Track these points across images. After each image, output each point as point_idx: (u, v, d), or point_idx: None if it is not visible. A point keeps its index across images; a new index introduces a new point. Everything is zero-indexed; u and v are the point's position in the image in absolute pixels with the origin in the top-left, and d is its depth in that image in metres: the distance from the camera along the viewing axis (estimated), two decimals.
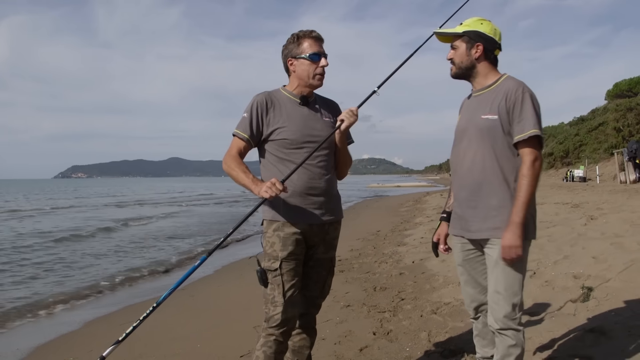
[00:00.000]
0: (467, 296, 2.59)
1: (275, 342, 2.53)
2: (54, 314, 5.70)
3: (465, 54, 2.42)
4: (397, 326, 4.11)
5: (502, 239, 2.25)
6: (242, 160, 2.58)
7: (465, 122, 2.47)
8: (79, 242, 12.16)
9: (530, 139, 2.27)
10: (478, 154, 2.37)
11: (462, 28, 2.42)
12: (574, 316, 3.70)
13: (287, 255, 2.51)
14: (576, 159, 31.96)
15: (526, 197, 2.23)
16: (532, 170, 2.25)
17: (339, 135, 2.59)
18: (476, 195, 2.37)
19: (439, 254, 2.74)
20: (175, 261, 9.05)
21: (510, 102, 2.30)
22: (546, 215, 9.25)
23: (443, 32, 2.49)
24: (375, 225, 12.23)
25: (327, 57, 2.61)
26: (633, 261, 4.66)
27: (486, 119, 2.34)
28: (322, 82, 2.63)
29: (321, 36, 2.61)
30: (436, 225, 2.74)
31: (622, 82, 33.79)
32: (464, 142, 2.44)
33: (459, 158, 2.48)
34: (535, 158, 2.27)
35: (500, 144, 2.33)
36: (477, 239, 2.41)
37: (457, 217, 2.51)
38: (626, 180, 19.81)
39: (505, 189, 2.32)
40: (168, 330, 4.50)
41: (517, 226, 2.22)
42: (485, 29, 2.41)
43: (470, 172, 2.40)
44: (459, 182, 2.48)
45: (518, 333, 2.32)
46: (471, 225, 2.40)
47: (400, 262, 6.94)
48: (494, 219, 2.32)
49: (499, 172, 2.33)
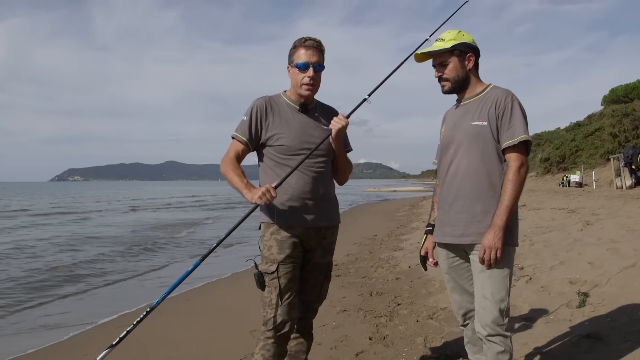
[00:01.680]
0: (455, 303, 2.60)
1: (273, 345, 2.53)
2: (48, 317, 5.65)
3: (459, 67, 2.42)
4: (393, 331, 4.10)
5: (483, 240, 2.26)
6: (238, 164, 2.59)
7: (452, 131, 2.48)
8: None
9: (519, 145, 2.29)
10: (464, 159, 2.39)
11: (449, 43, 2.40)
12: (570, 321, 3.70)
13: (284, 258, 2.52)
14: (572, 164, 32.05)
15: (510, 202, 2.25)
16: (518, 175, 2.27)
17: (333, 142, 2.60)
18: (461, 200, 2.38)
19: (427, 267, 2.74)
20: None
21: (500, 109, 2.33)
22: (542, 221, 9.27)
23: (431, 52, 2.44)
24: (372, 229, 12.23)
25: (318, 68, 2.56)
26: (629, 267, 4.67)
27: (475, 125, 2.36)
28: (310, 92, 2.60)
29: (317, 45, 2.58)
30: (422, 239, 2.74)
31: (618, 88, 33.93)
32: (451, 149, 2.45)
33: (445, 165, 2.49)
34: (522, 164, 2.29)
35: (489, 149, 2.35)
36: (461, 244, 2.41)
37: (440, 223, 2.51)
38: (622, 186, 19.85)
39: (491, 194, 2.33)
40: (164, 334, 4.48)
41: (499, 229, 2.24)
42: (469, 39, 2.44)
43: (456, 178, 2.41)
44: (445, 188, 2.49)
45: (506, 339, 2.31)
46: (455, 230, 2.40)
47: (397, 267, 6.94)
48: (479, 224, 2.33)
49: (485, 178, 2.34)
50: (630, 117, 26.09)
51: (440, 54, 2.43)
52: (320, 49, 2.59)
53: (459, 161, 2.41)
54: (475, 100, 2.43)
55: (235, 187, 2.50)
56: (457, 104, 2.54)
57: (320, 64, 2.58)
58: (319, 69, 2.58)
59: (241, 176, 2.51)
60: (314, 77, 2.56)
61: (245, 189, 2.45)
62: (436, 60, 2.47)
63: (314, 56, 2.55)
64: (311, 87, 2.58)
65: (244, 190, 2.45)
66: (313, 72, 2.55)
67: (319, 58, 2.58)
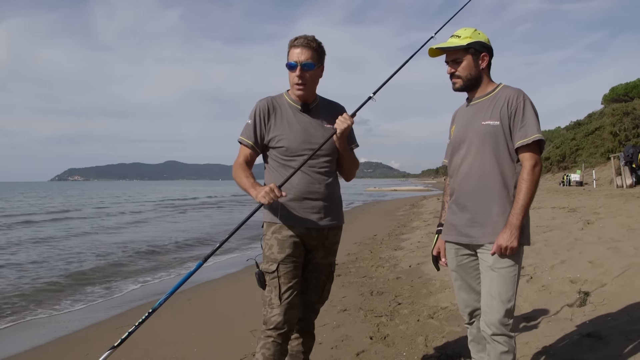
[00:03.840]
0: (461, 301, 2.59)
1: (273, 344, 2.52)
2: (50, 317, 5.66)
3: (472, 65, 2.41)
4: (394, 331, 4.10)
5: (498, 239, 2.25)
6: (247, 167, 2.60)
7: (463, 130, 2.46)
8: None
9: (532, 144, 2.28)
10: (477, 159, 2.37)
11: (464, 40, 2.38)
12: (571, 321, 3.70)
13: (285, 257, 2.51)
14: (573, 163, 32.05)
15: (526, 201, 2.24)
16: (532, 174, 2.26)
17: (338, 141, 2.59)
18: (476, 200, 2.37)
19: (440, 267, 2.74)
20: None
21: (512, 108, 2.32)
22: (543, 220, 9.27)
23: (447, 48, 2.42)
24: (372, 229, 12.23)
25: (305, 66, 2.50)
26: (629, 266, 4.67)
27: (487, 125, 2.35)
28: (302, 91, 2.56)
29: (307, 42, 2.51)
30: (432, 238, 2.74)
31: (619, 87, 33.91)
32: (463, 149, 2.44)
33: (456, 165, 2.48)
34: (536, 163, 2.28)
35: (501, 149, 2.34)
36: (471, 244, 2.41)
37: (452, 223, 2.50)
38: (623, 185, 19.85)
39: (505, 194, 2.32)
40: (165, 334, 4.48)
41: (515, 228, 2.23)
42: (484, 39, 2.43)
43: (470, 178, 2.40)
44: (457, 188, 2.48)
45: (510, 339, 2.31)
46: (470, 231, 2.39)
47: (397, 267, 6.94)
48: (495, 225, 2.31)
49: (499, 178, 2.33)
50: (631, 115, 26.08)
51: (455, 51, 2.41)
52: (310, 46, 2.52)
53: (471, 161, 2.39)
54: (486, 99, 2.42)
55: (243, 187, 2.52)
56: (468, 103, 2.52)
57: (311, 62, 2.52)
58: (307, 67, 2.51)
59: (248, 176, 2.53)
60: (301, 75, 2.52)
61: (251, 187, 2.47)
62: (450, 57, 2.44)
63: (302, 54, 2.50)
64: (302, 87, 2.55)
65: (250, 189, 2.47)
66: (300, 72, 2.51)
67: (309, 55, 2.51)
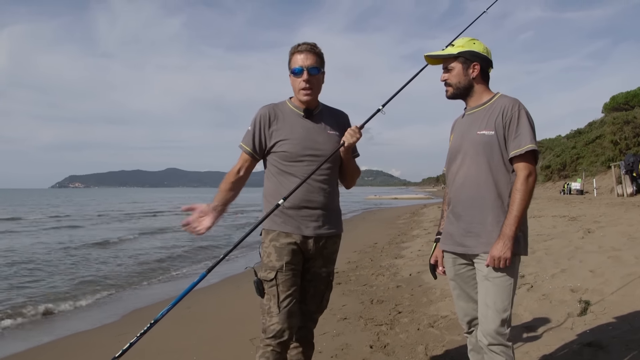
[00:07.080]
0: (460, 310, 2.59)
1: (272, 352, 2.52)
2: (50, 322, 5.64)
3: (462, 74, 2.44)
4: (394, 339, 4.09)
5: (492, 249, 2.25)
6: (235, 179, 2.64)
7: (459, 140, 2.48)
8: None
9: (526, 154, 2.29)
10: (472, 169, 2.39)
11: (456, 49, 2.44)
12: (572, 330, 3.69)
13: (283, 265, 2.51)
14: (573, 171, 32.02)
15: (519, 211, 2.24)
16: (526, 185, 2.27)
17: (343, 151, 2.60)
18: (470, 210, 2.38)
19: (437, 276, 2.74)
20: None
21: (507, 118, 2.33)
22: (543, 228, 9.26)
23: (437, 55, 2.49)
24: (373, 237, 12.21)
25: (313, 71, 2.53)
26: (630, 275, 4.66)
27: (482, 135, 2.36)
28: (309, 96, 2.58)
29: (311, 48, 2.55)
30: (432, 246, 2.74)
31: (619, 95, 33.95)
32: (459, 158, 2.46)
33: (453, 174, 2.50)
34: (530, 173, 2.28)
35: (496, 159, 2.34)
36: (467, 254, 2.41)
37: (449, 232, 2.51)
38: (623, 193, 19.84)
39: (499, 204, 2.33)
40: (164, 342, 4.46)
41: (508, 239, 2.23)
42: (479, 48, 2.45)
43: (465, 188, 2.41)
44: (453, 198, 2.49)
45: (507, 349, 2.30)
46: (465, 241, 2.40)
47: (397, 275, 6.92)
48: (489, 235, 2.32)
49: (493, 188, 2.34)
50: (631, 124, 26.10)
51: (447, 59, 2.47)
52: (314, 52, 2.55)
53: (466, 170, 2.41)
54: (482, 109, 2.44)
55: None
56: (465, 112, 2.54)
57: (316, 66, 2.55)
58: (314, 71, 2.54)
59: (220, 192, 2.62)
60: (309, 80, 2.54)
61: (207, 207, 2.58)
62: (444, 65, 2.50)
63: (307, 59, 2.53)
64: (309, 91, 2.56)
65: (206, 208, 2.58)
66: (307, 76, 2.53)
67: (314, 61, 2.54)
